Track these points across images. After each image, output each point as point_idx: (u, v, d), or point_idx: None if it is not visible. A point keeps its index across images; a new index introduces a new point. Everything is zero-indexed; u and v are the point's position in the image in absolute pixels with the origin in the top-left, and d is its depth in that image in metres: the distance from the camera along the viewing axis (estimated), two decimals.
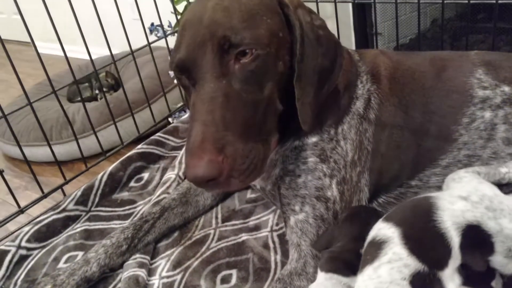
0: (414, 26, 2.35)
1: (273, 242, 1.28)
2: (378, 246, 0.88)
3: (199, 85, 0.94)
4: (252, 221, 1.37)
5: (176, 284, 1.20)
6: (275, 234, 1.30)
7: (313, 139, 1.11)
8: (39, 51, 1.55)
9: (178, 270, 1.24)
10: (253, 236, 1.31)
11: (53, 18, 1.53)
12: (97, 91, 2.64)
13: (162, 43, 2.10)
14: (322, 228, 1.07)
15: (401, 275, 0.81)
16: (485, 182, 0.97)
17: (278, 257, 1.22)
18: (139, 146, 1.73)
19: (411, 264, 0.83)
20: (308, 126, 1.04)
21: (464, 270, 0.88)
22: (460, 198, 0.91)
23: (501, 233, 0.86)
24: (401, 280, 0.81)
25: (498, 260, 0.88)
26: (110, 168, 1.62)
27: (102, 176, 1.59)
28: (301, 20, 1.01)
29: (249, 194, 1.48)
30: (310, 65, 1.01)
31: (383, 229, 0.91)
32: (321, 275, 0.96)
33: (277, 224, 1.33)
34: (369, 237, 0.93)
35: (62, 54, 1.60)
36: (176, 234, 1.38)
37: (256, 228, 1.34)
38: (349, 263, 0.94)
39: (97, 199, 1.55)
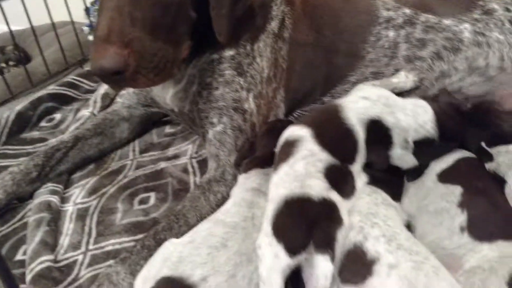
0: None
1: (193, 167, 1.28)
2: (291, 144, 0.91)
3: None
4: (171, 151, 1.36)
5: (91, 208, 1.17)
6: (194, 160, 1.30)
7: (230, 52, 1.12)
8: None
9: (93, 197, 1.21)
10: (172, 163, 1.30)
11: None
12: (3, 64, 2.46)
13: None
14: (240, 139, 1.10)
15: (316, 169, 0.85)
16: (381, 88, 1.07)
17: (197, 178, 1.22)
18: (50, 87, 1.64)
19: (324, 158, 0.87)
20: (224, 38, 1.05)
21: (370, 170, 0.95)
22: (362, 98, 0.99)
23: (397, 125, 0.95)
24: (316, 172, 0.84)
25: (396, 153, 0.96)
26: (18, 107, 1.52)
27: (8, 115, 1.49)
28: None
29: (168, 129, 1.47)
30: None
31: (295, 131, 0.94)
32: (241, 177, 0.99)
33: (196, 152, 1.33)
34: (282, 140, 0.96)
35: None
36: (91, 166, 1.33)
37: (175, 156, 1.33)
38: (267, 159, 0.97)
39: (3, 138, 1.45)
